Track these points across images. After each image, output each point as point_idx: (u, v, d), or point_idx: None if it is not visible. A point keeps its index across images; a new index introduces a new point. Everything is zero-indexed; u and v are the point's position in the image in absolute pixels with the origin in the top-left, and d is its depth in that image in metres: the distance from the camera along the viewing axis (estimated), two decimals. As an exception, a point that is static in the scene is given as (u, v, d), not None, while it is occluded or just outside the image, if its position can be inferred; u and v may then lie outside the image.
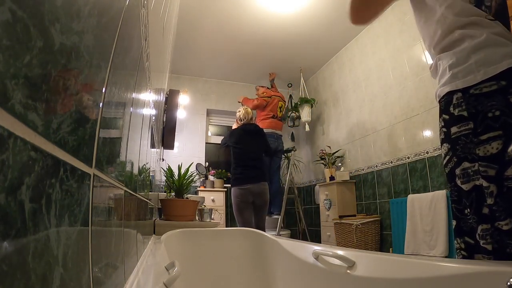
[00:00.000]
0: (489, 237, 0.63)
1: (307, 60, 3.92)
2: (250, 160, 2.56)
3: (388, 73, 2.94)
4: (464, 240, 0.69)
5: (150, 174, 1.21)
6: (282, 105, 3.86)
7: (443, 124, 0.73)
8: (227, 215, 3.87)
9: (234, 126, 2.85)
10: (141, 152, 0.80)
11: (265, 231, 2.00)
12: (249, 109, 2.79)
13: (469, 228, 0.68)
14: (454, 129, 0.69)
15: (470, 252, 0.68)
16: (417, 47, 2.60)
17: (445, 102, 0.72)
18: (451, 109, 0.70)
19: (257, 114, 3.76)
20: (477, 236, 0.65)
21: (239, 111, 2.79)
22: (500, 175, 0.61)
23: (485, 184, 0.63)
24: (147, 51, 0.77)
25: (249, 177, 2.50)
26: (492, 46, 0.67)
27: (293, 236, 3.96)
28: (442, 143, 0.74)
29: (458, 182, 0.70)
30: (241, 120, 2.72)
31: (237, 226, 3.84)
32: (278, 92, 3.95)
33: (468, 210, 0.68)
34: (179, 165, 1.89)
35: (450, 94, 0.70)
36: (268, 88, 3.93)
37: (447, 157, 0.72)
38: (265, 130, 3.17)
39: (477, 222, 0.65)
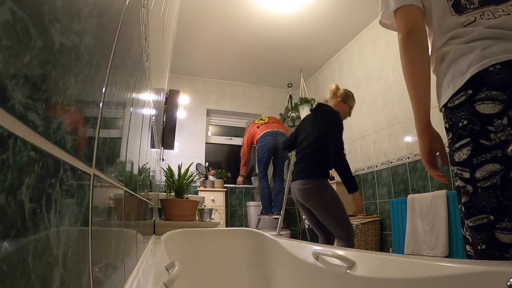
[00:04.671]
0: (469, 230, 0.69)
1: (307, 60, 3.92)
2: None
3: (388, 73, 2.94)
4: (462, 230, 0.76)
5: (150, 174, 1.21)
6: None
7: None
8: (227, 215, 3.87)
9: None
10: (141, 152, 0.80)
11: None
12: None
13: (462, 221, 0.74)
14: (445, 140, 0.77)
15: (465, 242, 0.74)
16: (417, 47, 2.60)
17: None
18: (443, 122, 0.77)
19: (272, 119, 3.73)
20: (464, 228, 0.72)
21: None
22: (474, 177, 0.66)
23: (461, 184, 0.69)
24: (147, 51, 0.77)
25: None
26: (460, 57, 0.71)
27: (293, 236, 3.96)
28: None
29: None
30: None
31: (236, 226, 3.85)
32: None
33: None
34: (179, 165, 1.89)
35: (441, 110, 0.78)
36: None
37: None
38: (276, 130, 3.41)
39: (464, 216, 0.72)
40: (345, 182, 1.87)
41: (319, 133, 1.93)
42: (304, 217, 3.27)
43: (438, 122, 0.83)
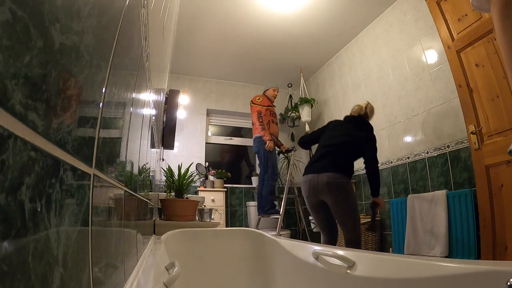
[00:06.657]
0: None
1: (307, 60, 3.92)
2: None
3: (388, 73, 2.94)
4: None
5: (150, 174, 1.21)
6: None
7: None
8: (227, 215, 3.87)
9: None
10: (141, 152, 0.80)
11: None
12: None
13: None
14: None
15: None
16: (417, 47, 2.60)
17: None
18: None
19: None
20: None
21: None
22: None
23: None
24: (147, 51, 0.77)
25: None
26: None
27: (293, 236, 3.96)
28: None
29: None
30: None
31: (236, 226, 3.85)
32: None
33: None
34: (179, 165, 1.89)
35: None
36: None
37: None
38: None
39: None
40: (372, 185, 2.03)
41: (356, 140, 2.03)
42: (310, 218, 3.22)
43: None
